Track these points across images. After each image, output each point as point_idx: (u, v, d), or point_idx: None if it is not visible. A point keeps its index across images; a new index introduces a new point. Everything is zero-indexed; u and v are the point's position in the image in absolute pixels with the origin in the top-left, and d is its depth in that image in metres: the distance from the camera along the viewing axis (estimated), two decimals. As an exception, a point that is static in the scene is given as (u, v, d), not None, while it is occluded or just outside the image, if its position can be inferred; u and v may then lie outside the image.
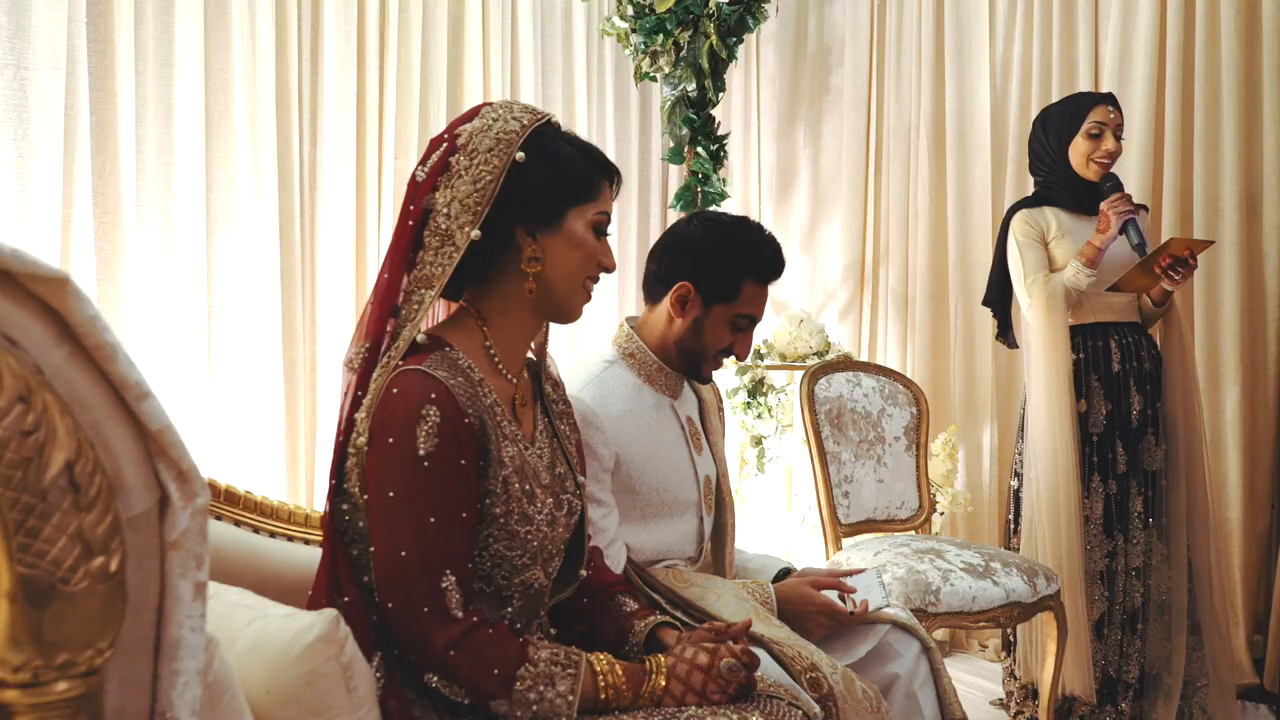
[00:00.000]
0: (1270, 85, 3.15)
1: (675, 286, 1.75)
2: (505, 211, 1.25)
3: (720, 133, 3.57)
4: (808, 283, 4.17)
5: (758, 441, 3.55)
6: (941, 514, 3.40)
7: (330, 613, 1.00)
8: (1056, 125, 2.72)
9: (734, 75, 4.15)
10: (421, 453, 1.16)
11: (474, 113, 1.29)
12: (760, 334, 3.74)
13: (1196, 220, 3.25)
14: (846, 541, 2.67)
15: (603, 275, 1.36)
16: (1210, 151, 3.23)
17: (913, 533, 2.79)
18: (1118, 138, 2.67)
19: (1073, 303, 2.64)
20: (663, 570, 1.69)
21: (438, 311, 1.36)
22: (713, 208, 3.56)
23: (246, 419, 2.85)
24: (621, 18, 3.52)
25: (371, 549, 1.19)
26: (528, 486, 1.27)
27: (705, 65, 3.44)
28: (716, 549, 1.85)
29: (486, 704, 1.17)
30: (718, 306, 1.75)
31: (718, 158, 3.56)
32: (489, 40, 3.51)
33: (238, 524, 1.55)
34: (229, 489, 1.57)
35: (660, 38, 3.44)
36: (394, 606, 1.16)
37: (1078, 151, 2.68)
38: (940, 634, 3.55)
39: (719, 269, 1.74)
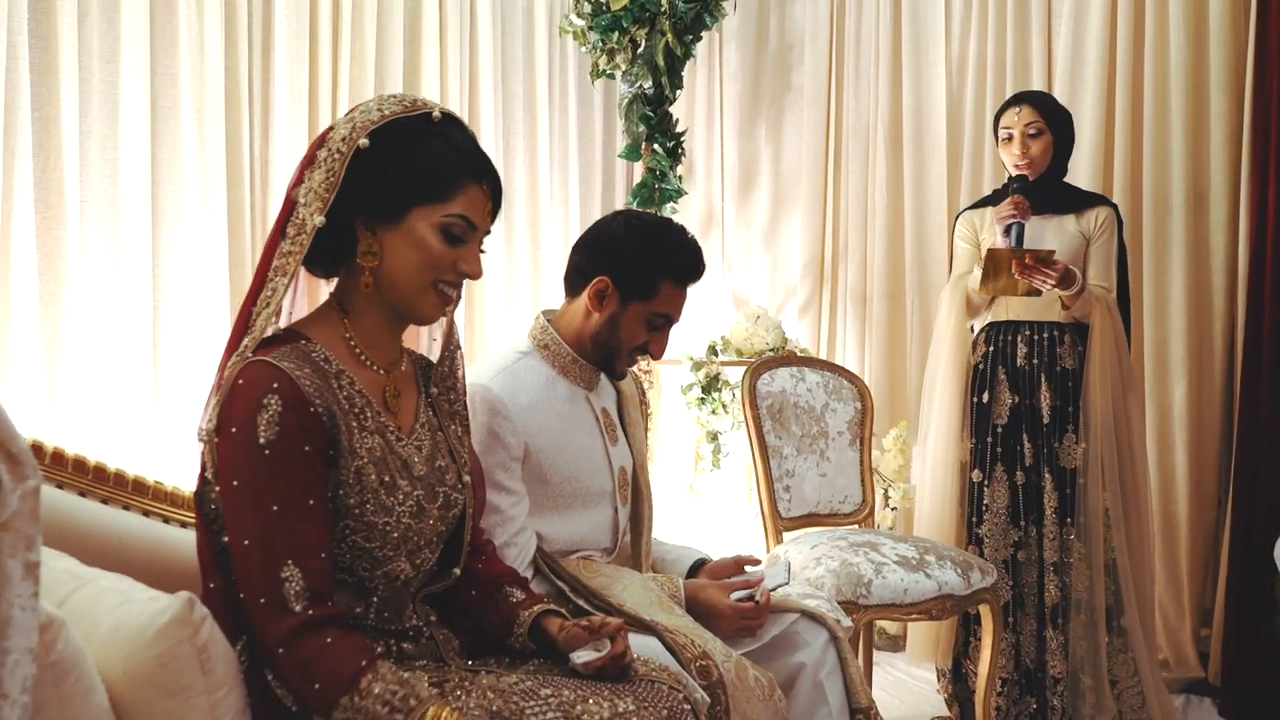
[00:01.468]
0: (1217, 84, 3.18)
1: (594, 281, 1.77)
2: (349, 202, 1.24)
3: (678, 130, 3.59)
4: (769, 280, 4.18)
5: (713, 437, 3.56)
6: (894, 509, 3.41)
7: (184, 595, 1.01)
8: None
9: (697, 72, 4.16)
10: (262, 441, 1.16)
11: (356, 107, 1.30)
12: (717, 330, 3.76)
13: (1145, 216, 3.28)
14: (788, 535, 2.69)
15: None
16: (1159, 149, 3.26)
17: (855, 527, 2.81)
18: (1032, 135, 2.69)
19: (979, 302, 2.78)
20: (574, 561, 1.71)
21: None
22: (671, 205, 3.57)
23: (194, 416, 2.85)
24: (579, 15, 3.53)
25: (225, 539, 1.20)
26: (387, 478, 1.26)
27: (661, 63, 3.45)
28: (633, 540, 1.87)
29: (311, 717, 1.15)
30: (635, 304, 1.77)
31: (675, 154, 3.57)
32: (446, 35, 3.50)
33: (146, 514, 1.56)
34: (138, 479, 1.57)
35: (616, 35, 3.46)
36: (244, 596, 1.16)
37: (1004, 156, 2.78)
38: (894, 628, 3.57)
39: (638, 267, 1.76)
